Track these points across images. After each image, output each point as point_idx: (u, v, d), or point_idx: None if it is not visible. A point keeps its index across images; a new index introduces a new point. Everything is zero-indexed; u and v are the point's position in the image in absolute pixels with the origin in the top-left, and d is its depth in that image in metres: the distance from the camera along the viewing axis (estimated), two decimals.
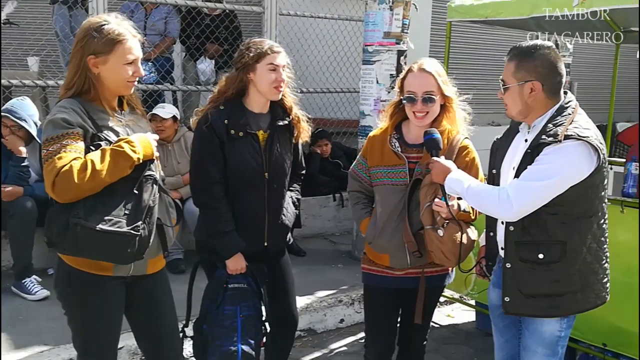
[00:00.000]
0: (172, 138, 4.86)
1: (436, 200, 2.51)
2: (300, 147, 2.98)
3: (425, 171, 2.59)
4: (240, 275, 2.77)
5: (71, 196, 2.12)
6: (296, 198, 2.98)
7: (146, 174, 2.24)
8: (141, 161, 2.19)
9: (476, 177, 2.63)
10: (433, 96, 2.61)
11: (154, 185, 2.26)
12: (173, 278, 2.72)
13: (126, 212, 2.15)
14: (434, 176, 2.49)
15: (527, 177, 2.27)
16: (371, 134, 2.87)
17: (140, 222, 2.16)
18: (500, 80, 2.40)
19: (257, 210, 2.76)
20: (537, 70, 2.31)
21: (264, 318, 2.82)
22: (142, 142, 2.22)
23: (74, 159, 2.11)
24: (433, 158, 2.52)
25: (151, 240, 2.23)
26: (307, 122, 2.92)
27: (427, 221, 2.55)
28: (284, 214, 2.86)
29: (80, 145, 2.16)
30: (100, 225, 2.09)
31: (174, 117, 4.84)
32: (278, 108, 2.84)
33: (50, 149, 2.13)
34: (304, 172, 3.07)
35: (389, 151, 2.70)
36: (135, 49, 2.30)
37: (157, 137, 2.32)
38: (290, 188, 2.96)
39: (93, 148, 2.18)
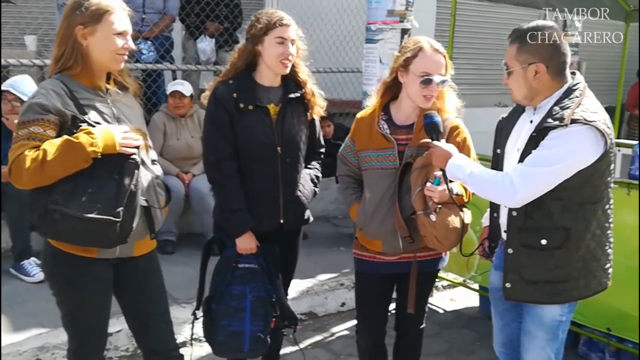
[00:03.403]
0: (186, 114, 5.06)
1: (428, 184, 2.43)
2: (317, 124, 2.90)
3: (416, 153, 2.52)
4: (251, 256, 2.73)
5: (25, 184, 2.10)
6: (315, 175, 2.91)
7: (129, 159, 2.18)
8: (99, 155, 2.10)
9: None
10: (446, 78, 2.54)
11: (136, 170, 2.20)
12: (160, 258, 2.64)
13: (106, 197, 2.11)
14: (434, 161, 2.41)
15: (531, 163, 2.21)
16: (358, 115, 2.78)
17: (121, 208, 2.12)
18: (503, 65, 2.33)
19: (270, 185, 2.70)
20: (540, 52, 2.24)
21: (273, 299, 2.77)
22: (103, 135, 2.13)
23: (33, 147, 2.07)
24: (433, 142, 2.43)
25: (134, 224, 2.19)
26: (321, 97, 2.84)
27: (419, 206, 2.47)
28: (300, 190, 2.78)
29: (49, 133, 2.11)
30: (79, 212, 2.06)
31: (191, 95, 5.04)
32: (290, 81, 2.76)
33: (19, 133, 2.12)
34: (322, 150, 3.00)
35: (377, 134, 2.61)
36: (124, 21, 2.27)
37: (127, 129, 2.23)
38: (309, 165, 2.90)
39: (75, 130, 2.13)
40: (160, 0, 5.55)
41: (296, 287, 4.17)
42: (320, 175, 2.96)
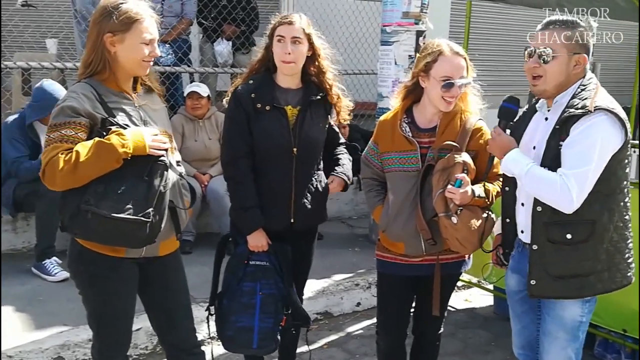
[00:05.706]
0: (204, 116, 5.10)
1: (449, 187, 2.44)
2: (336, 129, 2.94)
3: (437, 156, 2.53)
4: (262, 254, 2.76)
5: (58, 186, 2.15)
6: (348, 159, 2.97)
7: (158, 160, 2.24)
8: (129, 156, 2.15)
9: (491, 160, 2.56)
10: (467, 80, 2.54)
11: (165, 172, 2.25)
12: None
13: (137, 198, 2.16)
14: (491, 148, 2.42)
15: (576, 164, 2.18)
16: (381, 118, 2.79)
17: (150, 209, 2.17)
18: (541, 50, 2.27)
19: (282, 185, 2.73)
20: (586, 45, 2.28)
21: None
22: (134, 136, 2.18)
23: (66, 149, 2.12)
24: (498, 128, 2.41)
25: (163, 225, 2.24)
26: (347, 99, 2.88)
27: (440, 208, 2.48)
28: (312, 191, 2.80)
29: (80, 135, 2.16)
30: (111, 212, 2.11)
31: (208, 96, 5.12)
32: (312, 84, 2.79)
33: (51, 136, 2.16)
34: (343, 141, 3.05)
35: (399, 136, 2.63)
36: (152, 29, 2.30)
37: (156, 131, 2.29)
38: (337, 151, 2.96)
39: (105, 133, 2.18)
40: (178, 4, 5.62)
41: (312, 287, 4.20)
42: (351, 158, 3.00)
